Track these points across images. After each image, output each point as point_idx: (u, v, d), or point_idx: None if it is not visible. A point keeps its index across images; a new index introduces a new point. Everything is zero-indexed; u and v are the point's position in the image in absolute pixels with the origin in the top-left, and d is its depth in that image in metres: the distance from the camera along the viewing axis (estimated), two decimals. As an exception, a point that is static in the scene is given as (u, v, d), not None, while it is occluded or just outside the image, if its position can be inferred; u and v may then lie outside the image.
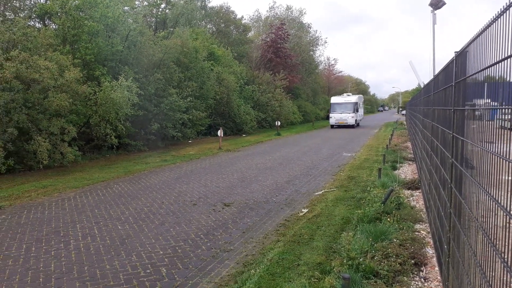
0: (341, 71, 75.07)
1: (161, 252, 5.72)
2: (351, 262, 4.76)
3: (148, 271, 5.11)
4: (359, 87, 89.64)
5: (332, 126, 36.32)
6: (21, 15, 20.49)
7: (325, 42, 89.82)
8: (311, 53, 55.70)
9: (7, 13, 23.77)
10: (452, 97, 3.78)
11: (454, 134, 3.60)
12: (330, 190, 9.47)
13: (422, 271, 4.88)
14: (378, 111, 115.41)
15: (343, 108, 35.91)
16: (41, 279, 4.90)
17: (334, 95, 46.98)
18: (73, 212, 8.01)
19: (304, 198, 8.87)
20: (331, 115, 36.64)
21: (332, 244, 5.79)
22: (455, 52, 3.74)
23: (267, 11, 77.75)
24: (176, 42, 21.51)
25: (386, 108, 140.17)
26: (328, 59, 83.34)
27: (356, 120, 36.29)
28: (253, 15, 56.96)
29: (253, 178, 11.38)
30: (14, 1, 24.97)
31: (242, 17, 49.45)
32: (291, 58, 43.56)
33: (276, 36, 41.94)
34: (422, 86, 11.33)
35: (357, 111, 36.90)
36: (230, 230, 6.70)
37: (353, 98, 37.94)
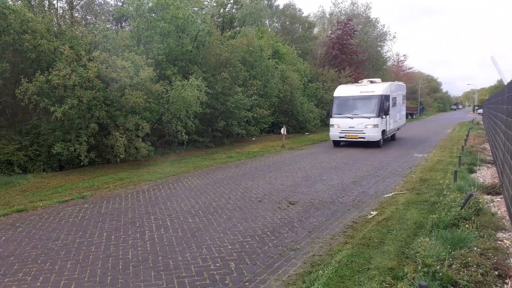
0: (411, 68, 71.41)
1: (230, 247, 5.86)
2: (427, 269, 4.51)
3: (218, 264, 5.26)
4: (430, 84, 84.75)
5: (335, 144, 19.43)
6: (101, 19, 22.10)
7: (394, 37, 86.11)
8: (379, 48, 53.70)
9: (88, 17, 25.76)
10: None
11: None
12: (400, 193, 9.06)
13: (507, 284, 4.50)
14: (451, 109, 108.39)
15: (356, 106, 18.76)
16: (120, 266, 5.25)
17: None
18: (147, 204, 8.49)
19: (372, 200, 8.58)
20: (332, 120, 18.98)
21: (404, 249, 5.53)
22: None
23: (330, 7, 76.42)
24: (242, 41, 21.88)
25: (460, 106, 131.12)
26: (397, 55, 79.88)
27: (385, 130, 18.85)
28: (317, 12, 56.26)
29: (318, 177, 11.24)
30: (95, 6, 26.98)
31: (309, 14, 49.04)
32: (357, 54, 42.29)
33: (342, 32, 40.97)
34: (505, 83, 10.40)
35: (387, 112, 18.63)
36: (296, 229, 6.68)
37: (379, 88, 18.96)
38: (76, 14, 25.17)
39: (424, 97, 72.03)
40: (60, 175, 11.99)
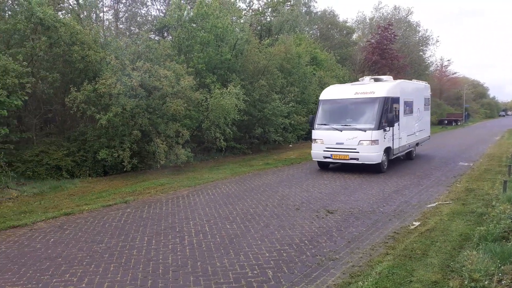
0: (455, 73, 68.59)
1: (267, 255, 5.85)
2: (474, 284, 4.32)
3: (255, 272, 5.26)
4: (476, 90, 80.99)
5: (321, 166, 14.24)
6: (144, 29, 22.96)
7: (437, 41, 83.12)
8: (421, 53, 52.03)
9: (132, 28, 26.84)
10: None
11: None
12: (445, 203, 8.70)
13: None
14: (499, 116, 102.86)
15: (349, 114, 13.45)
16: (160, 270, 5.37)
17: (447, 99, 37.82)
18: (186, 209, 8.66)
19: (415, 210, 8.29)
20: (315, 133, 13.78)
21: (449, 262, 5.30)
22: None
23: (371, 12, 75.14)
24: (280, 48, 21.96)
25: (509, 113, 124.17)
26: (441, 59, 77.06)
27: (391, 148, 13.43)
28: (357, 17, 55.49)
29: (357, 185, 11.01)
30: (138, 18, 28.06)
31: (346, 19, 48.53)
32: (398, 60, 41.19)
33: (382, 38, 40.14)
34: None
35: (392, 121, 12.94)
36: (334, 238, 6.57)
37: (382, 87, 13.44)
38: (121, 26, 26.34)
39: (470, 103, 68.90)
40: (105, 180, 12.49)
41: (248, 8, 31.73)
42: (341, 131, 12.90)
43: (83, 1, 18.37)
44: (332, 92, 14.50)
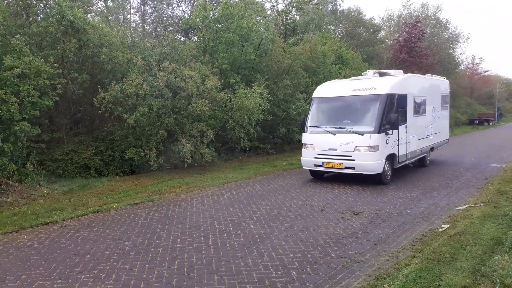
0: (487, 71, 66.25)
1: (291, 255, 5.82)
2: (507, 291, 4.14)
3: (279, 272, 5.24)
4: (510, 88, 77.94)
5: (313, 174, 12.45)
6: (169, 30, 23.31)
7: (468, 38, 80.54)
8: (451, 51, 50.58)
9: (158, 29, 27.29)
10: None
11: None
12: (475, 205, 8.41)
13: None
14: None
15: (345, 114, 11.74)
16: (185, 269, 5.43)
17: (478, 98, 36.01)
18: (211, 208, 8.72)
19: (443, 213, 8.05)
20: (305, 137, 11.98)
21: (480, 267, 5.12)
22: None
23: (399, 9, 73.71)
24: (304, 48, 21.78)
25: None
26: (472, 57, 74.62)
27: (396, 155, 11.40)
28: (384, 15, 54.54)
29: (383, 187, 10.79)
30: (164, 19, 28.48)
31: (373, 17, 47.76)
32: (427, 58, 40.21)
33: (409, 35, 39.28)
34: None
35: (396, 123, 10.86)
36: (360, 240, 6.46)
37: (386, 83, 11.45)
38: (147, 27, 26.83)
39: (503, 102, 66.41)
40: (131, 179, 12.74)
41: (273, 7, 31.70)
42: (335, 134, 11.09)
43: (111, 4, 18.83)
44: (327, 89, 12.63)
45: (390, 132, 10.86)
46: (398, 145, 11.42)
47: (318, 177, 12.31)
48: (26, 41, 12.90)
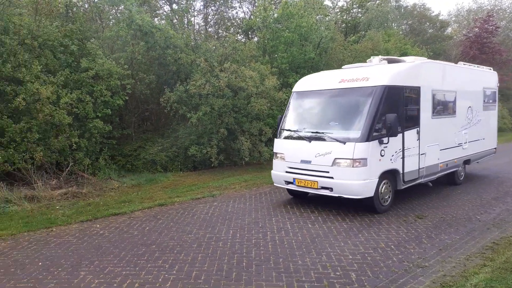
0: None
1: (350, 257, 5.73)
2: None
3: (338, 273, 5.19)
4: None
5: (290, 193, 9.63)
6: (231, 32, 23.82)
7: (550, 31, 73.32)
8: (529, 45, 46.40)
9: (220, 31, 27.98)
10: None
11: None
12: (556, 214, 7.70)
13: None
14: None
15: (327, 113, 8.66)
16: (244, 263, 5.56)
17: None
18: (269, 206, 8.83)
19: (518, 220, 7.47)
20: (276, 144, 9.11)
21: (561, 281, 4.70)
22: None
23: (469, 3, 69.04)
24: (366, 45, 21.22)
25: None
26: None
27: (398, 171, 8.17)
28: (453, 9, 51.36)
29: (451, 190, 10.20)
30: (226, 21, 29.14)
31: (440, 12, 45.18)
32: (501, 54, 37.20)
33: (481, 31, 36.64)
34: None
35: (395, 128, 7.68)
36: (424, 245, 6.19)
37: (383, 73, 8.29)
38: (210, 29, 27.61)
39: None
40: (194, 174, 13.24)
41: (334, 5, 31.19)
42: (310, 141, 8.18)
43: (176, 7, 19.66)
44: (310, 81, 9.60)
45: (385, 140, 7.76)
46: (403, 157, 8.29)
47: (299, 197, 9.52)
48: (100, 44, 13.91)
